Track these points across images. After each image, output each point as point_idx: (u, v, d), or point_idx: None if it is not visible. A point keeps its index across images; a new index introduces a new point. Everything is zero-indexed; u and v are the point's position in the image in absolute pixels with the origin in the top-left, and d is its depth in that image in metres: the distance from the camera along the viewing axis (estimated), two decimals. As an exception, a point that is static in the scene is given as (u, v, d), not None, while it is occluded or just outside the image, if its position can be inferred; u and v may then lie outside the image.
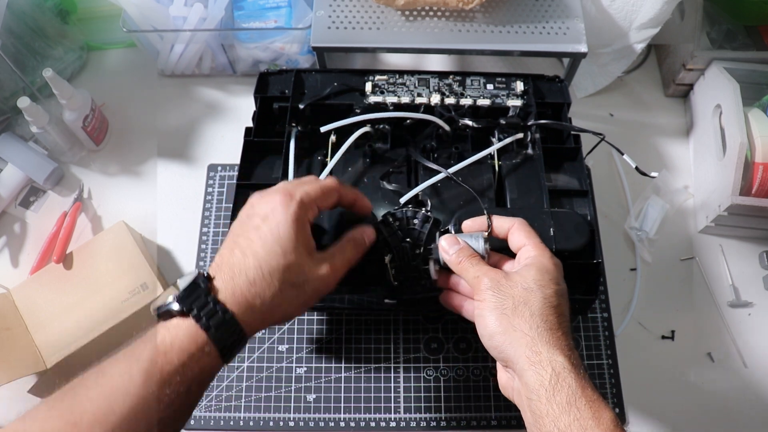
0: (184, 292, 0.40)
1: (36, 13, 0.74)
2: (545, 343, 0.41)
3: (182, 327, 0.39)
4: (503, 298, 0.43)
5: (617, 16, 0.70)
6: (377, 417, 0.61)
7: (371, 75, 0.62)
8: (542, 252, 0.46)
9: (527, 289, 0.43)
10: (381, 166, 0.58)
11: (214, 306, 0.40)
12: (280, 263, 0.41)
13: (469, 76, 0.61)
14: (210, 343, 0.39)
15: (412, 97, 0.60)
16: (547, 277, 0.44)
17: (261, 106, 0.61)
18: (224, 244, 0.44)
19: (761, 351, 0.65)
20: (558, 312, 0.43)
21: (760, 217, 0.65)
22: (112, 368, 0.38)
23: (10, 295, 0.63)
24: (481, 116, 0.61)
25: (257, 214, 0.43)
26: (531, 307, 0.42)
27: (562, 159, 0.60)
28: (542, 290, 0.43)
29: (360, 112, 0.59)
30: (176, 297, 0.40)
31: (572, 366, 0.40)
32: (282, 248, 0.42)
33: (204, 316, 0.39)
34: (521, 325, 0.42)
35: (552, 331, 0.41)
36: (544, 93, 0.62)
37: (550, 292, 0.43)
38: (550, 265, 0.45)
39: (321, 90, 0.61)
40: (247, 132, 0.61)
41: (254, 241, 0.42)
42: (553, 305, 0.43)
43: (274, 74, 0.62)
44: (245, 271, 0.41)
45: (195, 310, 0.39)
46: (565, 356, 0.40)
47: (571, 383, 0.39)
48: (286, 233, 0.42)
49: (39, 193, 0.74)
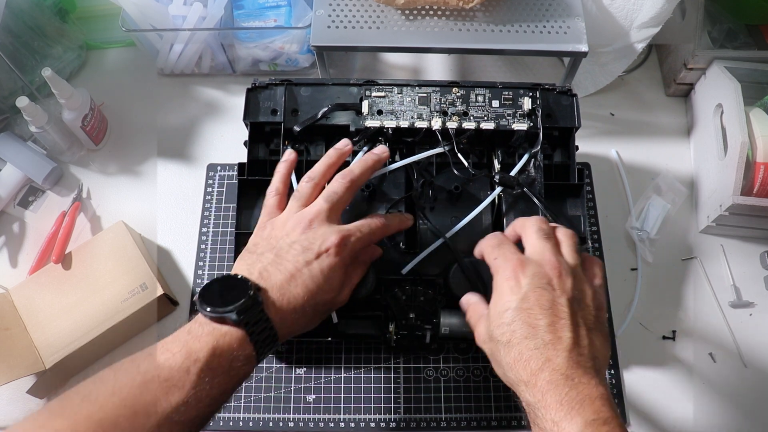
0: (243, 306, 0.42)
1: (35, 12, 0.74)
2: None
3: (235, 336, 0.42)
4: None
5: (618, 16, 0.69)
6: (377, 417, 0.61)
7: (367, 89, 0.60)
8: (493, 297, 0.46)
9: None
10: (379, 192, 0.59)
11: (268, 327, 0.44)
12: (323, 297, 0.47)
13: (474, 89, 0.60)
14: (254, 355, 0.44)
15: (411, 121, 0.59)
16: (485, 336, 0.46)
17: (252, 132, 0.60)
18: (263, 255, 0.47)
19: (762, 351, 0.65)
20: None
21: (762, 217, 0.65)
22: (168, 361, 0.41)
23: (9, 295, 0.62)
24: (484, 141, 0.61)
25: (310, 249, 0.47)
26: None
27: (565, 195, 0.60)
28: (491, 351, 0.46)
29: (356, 133, 0.59)
30: (238, 310, 0.42)
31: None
32: (329, 286, 0.47)
33: (257, 333, 0.43)
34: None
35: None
36: (553, 109, 0.60)
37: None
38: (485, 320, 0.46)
39: (314, 105, 0.59)
40: (240, 170, 0.59)
41: (304, 272, 0.46)
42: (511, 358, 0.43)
43: (263, 88, 0.60)
44: (294, 301, 0.45)
45: (251, 326, 0.43)
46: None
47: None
48: (334, 276, 0.47)
49: (38, 192, 0.74)
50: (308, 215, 0.49)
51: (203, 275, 0.68)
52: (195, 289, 0.67)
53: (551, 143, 0.61)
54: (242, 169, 0.59)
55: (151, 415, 0.38)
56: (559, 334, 0.41)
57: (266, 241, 0.49)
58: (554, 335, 0.41)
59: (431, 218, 0.58)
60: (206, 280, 0.68)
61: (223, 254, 0.69)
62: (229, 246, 0.69)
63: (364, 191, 0.58)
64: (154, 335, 0.65)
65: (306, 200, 0.51)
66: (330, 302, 0.48)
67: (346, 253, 0.47)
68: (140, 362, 0.41)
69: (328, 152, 0.54)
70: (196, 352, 0.41)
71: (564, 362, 0.40)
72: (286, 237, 0.48)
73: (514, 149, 0.61)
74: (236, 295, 0.43)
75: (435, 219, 0.58)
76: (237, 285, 0.44)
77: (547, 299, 0.42)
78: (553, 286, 0.43)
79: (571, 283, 0.44)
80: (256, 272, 0.46)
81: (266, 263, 0.46)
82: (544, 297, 0.43)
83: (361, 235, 0.49)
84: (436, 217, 0.58)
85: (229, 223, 0.70)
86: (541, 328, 0.41)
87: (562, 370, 0.40)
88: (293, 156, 0.56)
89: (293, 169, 0.56)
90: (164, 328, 0.65)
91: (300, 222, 0.48)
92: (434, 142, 0.59)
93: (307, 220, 0.48)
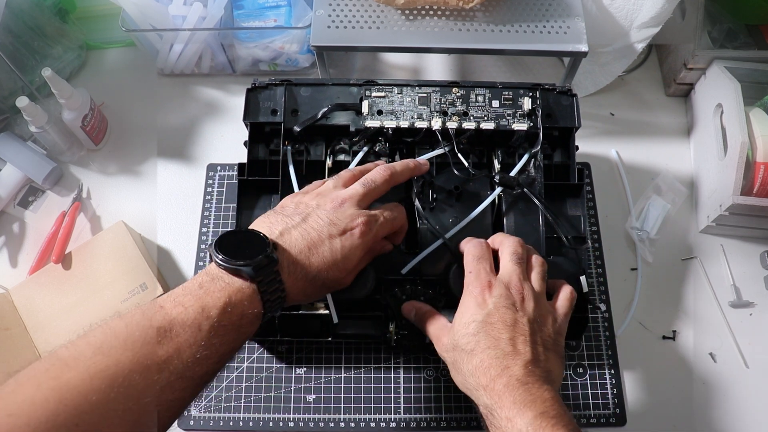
0: (260, 262, 0.42)
1: (35, 12, 0.74)
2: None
3: (247, 293, 0.43)
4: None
5: (618, 15, 0.69)
6: (377, 417, 0.61)
7: (367, 89, 0.60)
8: (459, 309, 0.49)
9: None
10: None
11: (279, 289, 0.44)
12: (336, 274, 0.47)
13: (474, 89, 0.60)
14: (261, 314, 0.44)
15: (411, 121, 0.59)
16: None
17: (252, 132, 0.60)
18: (290, 217, 0.48)
19: (763, 351, 0.65)
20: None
21: (762, 217, 0.65)
22: (180, 315, 0.40)
23: (9, 295, 0.63)
24: (484, 141, 0.61)
25: (337, 224, 0.47)
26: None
27: (565, 195, 0.60)
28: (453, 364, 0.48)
29: (356, 133, 0.59)
30: (255, 266, 0.42)
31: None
32: (345, 264, 0.47)
33: (269, 293, 0.43)
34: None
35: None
36: (553, 109, 0.60)
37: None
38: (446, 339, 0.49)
39: (314, 105, 0.59)
40: (240, 170, 0.59)
41: (325, 245, 0.47)
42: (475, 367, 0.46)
43: (263, 88, 0.60)
44: (308, 269, 0.46)
45: (265, 284, 0.43)
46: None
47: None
48: (353, 255, 0.48)
49: (38, 192, 0.74)
50: (343, 194, 0.50)
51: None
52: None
53: (551, 143, 0.61)
54: (242, 169, 0.59)
55: (163, 371, 0.38)
56: (519, 348, 0.45)
57: (296, 206, 0.50)
58: (514, 348, 0.45)
59: (431, 218, 0.58)
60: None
61: (223, 254, 0.69)
62: (229, 246, 0.69)
63: None
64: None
65: (344, 183, 0.52)
66: (338, 280, 0.49)
67: (369, 236, 0.49)
68: (152, 315, 0.40)
69: (366, 165, 0.56)
70: (209, 308, 0.41)
71: (520, 371, 0.44)
72: (317, 208, 0.49)
73: (514, 149, 0.61)
74: (254, 250, 0.43)
75: (435, 219, 0.58)
76: (254, 240, 0.44)
77: (510, 317, 0.46)
78: (516, 307, 0.47)
79: (533, 307, 0.48)
80: (278, 232, 0.46)
81: (290, 225, 0.47)
82: (507, 315, 0.47)
83: (385, 221, 0.50)
84: (436, 217, 0.58)
85: (229, 223, 0.70)
86: (503, 341, 0.45)
87: (518, 376, 0.43)
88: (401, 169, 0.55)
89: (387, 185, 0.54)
90: (164, 328, 0.65)
91: (335, 199, 0.49)
92: (434, 142, 0.59)
93: (341, 198, 0.49)
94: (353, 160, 0.59)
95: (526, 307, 0.48)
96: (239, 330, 0.42)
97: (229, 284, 0.42)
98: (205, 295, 0.41)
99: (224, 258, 0.43)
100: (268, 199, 0.60)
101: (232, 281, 0.43)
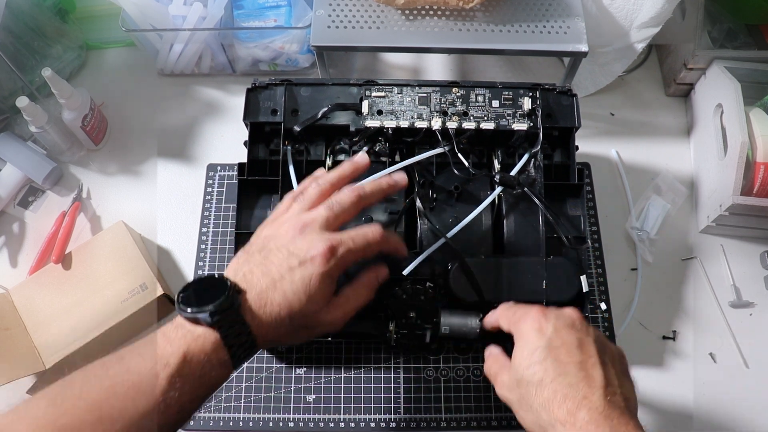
0: (218, 307, 0.41)
1: (35, 12, 0.74)
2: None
3: (209, 340, 0.41)
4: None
5: (618, 15, 0.69)
6: (377, 417, 0.61)
7: (367, 89, 0.60)
8: (518, 343, 0.46)
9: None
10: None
11: (245, 332, 0.42)
12: (303, 309, 0.44)
13: (474, 89, 0.60)
14: (229, 361, 0.42)
15: (411, 121, 0.59)
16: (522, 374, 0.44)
17: (252, 132, 0.60)
18: (253, 256, 0.46)
19: (763, 351, 0.65)
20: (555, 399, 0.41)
21: (762, 217, 0.65)
22: (138, 365, 0.39)
23: (9, 295, 0.63)
24: (484, 141, 0.61)
25: (296, 254, 0.45)
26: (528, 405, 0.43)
27: (565, 195, 0.60)
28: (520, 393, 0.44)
29: (356, 133, 0.59)
30: (211, 311, 0.41)
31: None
32: (308, 297, 0.44)
33: (232, 337, 0.41)
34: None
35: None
36: (553, 109, 0.60)
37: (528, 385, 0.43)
38: (521, 359, 0.45)
39: (314, 105, 0.59)
40: (240, 170, 0.59)
41: (285, 279, 0.44)
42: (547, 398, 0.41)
43: (263, 88, 0.60)
44: (272, 308, 0.43)
45: (226, 329, 0.41)
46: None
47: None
48: (315, 286, 0.44)
49: (38, 192, 0.74)
50: (304, 220, 0.47)
51: (203, 275, 0.68)
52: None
53: (551, 143, 0.61)
54: (242, 169, 0.59)
55: (117, 422, 0.37)
56: (591, 372, 0.41)
57: (261, 241, 0.47)
58: (586, 372, 0.41)
59: (431, 218, 0.58)
60: (206, 280, 0.68)
61: (223, 254, 0.69)
62: (229, 246, 0.69)
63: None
64: (154, 335, 0.65)
65: (309, 204, 0.48)
66: (313, 317, 0.45)
67: (333, 263, 0.44)
68: (110, 366, 0.40)
69: (343, 163, 0.52)
70: (167, 356, 0.39)
71: (600, 401, 0.40)
72: (277, 239, 0.46)
73: (514, 149, 0.61)
74: (213, 296, 0.41)
75: (435, 219, 0.58)
76: (216, 285, 0.42)
77: (575, 338, 0.43)
78: (577, 327, 0.44)
79: (592, 328, 0.45)
80: (241, 274, 0.44)
81: (253, 265, 0.45)
82: (571, 336, 0.43)
83: (354, 246, 0.46)
84: (436, 217, 0.58)
85: (229, 223, 0.70)
86: (573, 365, 0.42)
87: (600, 409, 0.39)
88: (362, 163, 0.53)
89: (345, 182, 0.52)
90: (164, 328, 0.65)
91: (294, 225, 0.46)
92: (434, 142, 0.59)
93: (301, 224, 0.46)
94: (353, 159, 0.59)
95: (587, 326, 0.45)
96: (202, 380, 0.40)
97: (189, 332, 0.41)
98: (165, 344, 0.40)
99: (183, 306, 0.41)
100: (268, 199, 0.60)
101: (193, 329, 0.41)
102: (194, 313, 0.41)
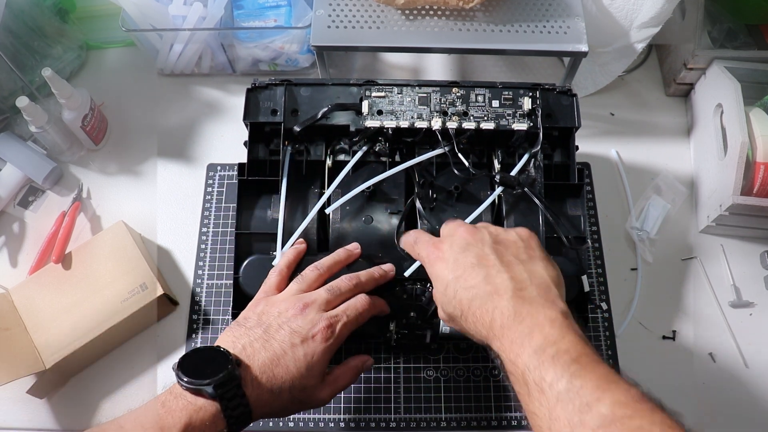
0: (221, 380, 0.43)
1: (35, 12, 0.74)
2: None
3: (210, 411, 0.43)
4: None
5: (618, 15, 0.69)
6: (377, 417, 0.61)
7: (367, 89, 0.60)
8: (434, 283, 0.49)
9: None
10: (380, 191, 0.59)
11: (243, 404, 0.44)
12: (303, 382, 0.47)
13: (474, 89, 0.60)
14: (225, 430, 0.44)
15: (411, 121, 0.59)
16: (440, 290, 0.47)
17: (252, 132, 0.60)
18: (252, 330, 0.48)
19: (763, 351, 0.65)
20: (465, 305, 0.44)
21: (761, 217, 0.65)
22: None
23: (9, 295, 0.62)
24: (484, 141, 0.61)
25: (298, 332, 0.47)
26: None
27: (565, 195, 0.60)
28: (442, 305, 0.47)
29: (356, 133, 0.59)
30: (215, 384, 0.42)
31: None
32: (309, 371, 0.47)
33: (232, 409, 0.43)
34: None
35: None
36: (553, 109, 0.60)
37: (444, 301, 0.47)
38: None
39: (314, 105, 0.59)
40: (240, 170, 0.59)
41: (288, 355, 0.46)
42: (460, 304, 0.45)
43: (263, 88, 0.60)
44: (273, 382, 0.45)
45: (226, 401, 0.43)
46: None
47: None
48: (317, 363, 0.47)
49: (38, 192, 0.74)
50: (306, 299, 0.50)
51: (203, 275, 0.68)
52: (195, 289, 0.67)
53: (551, 143, 0.61)
54: (242, 169, 0.59)
55: None
56: (495, 281, 0.43)
57: (258, 317, 0.49)
58: (492, 286, 0.43)
59: (432, 218, 0.58)
60: (206, 280, 0.68)
61: (223, 254, 0.69)
62: (229, 246, 0.69)
63: (366, 192, 0.58)
64: (154, 335, 0.65)
65: (308, 286, 0.52)
66: (308, 391, 0.48)
67: (333, 339, 0.48)
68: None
69: (338, 251, 0.56)
70: (169, 427, 0.41)
71: (508, 303, 0.42)
72: (278, 316, 0.49)
73: (514, 149, 0.61)
74: (215, 368, 0.43)
75: (435, 219, 0.58)
76: (217, 357, 0.44)
77: (473, 256, 0.45)
78: (472, 243, 0.46)
79: (486, 232, 0.47)
80: (240, 346, 0.46)
81: (253, 339, 0.47)
82: (468, 257, 0.45)
83: (348, 320, 0.50)
84: (437, 217, 0.58)
85: (229, 223, 0.70)
86: (479, 285, 0.43)
87: (508, 311, 0.41)
88: (303, 247, 0.57)
89: (300, 258, 0.56)
90: (164, 328, 0.65)
91: (296, 304, 0.49)
92: (434, 142, 0.59)
93: (303, 303, 0.49)
94: (352, 160, 0.59)
95: (481, 236, 0.46)
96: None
97: (190, 403, 0.42)
98: (166, 415, 0.42)
99: (186, 378, 0.43)
100: (268, 199, 0.60)
101: (194, 400, 0.43)
102: (197, 385, 0.42)
